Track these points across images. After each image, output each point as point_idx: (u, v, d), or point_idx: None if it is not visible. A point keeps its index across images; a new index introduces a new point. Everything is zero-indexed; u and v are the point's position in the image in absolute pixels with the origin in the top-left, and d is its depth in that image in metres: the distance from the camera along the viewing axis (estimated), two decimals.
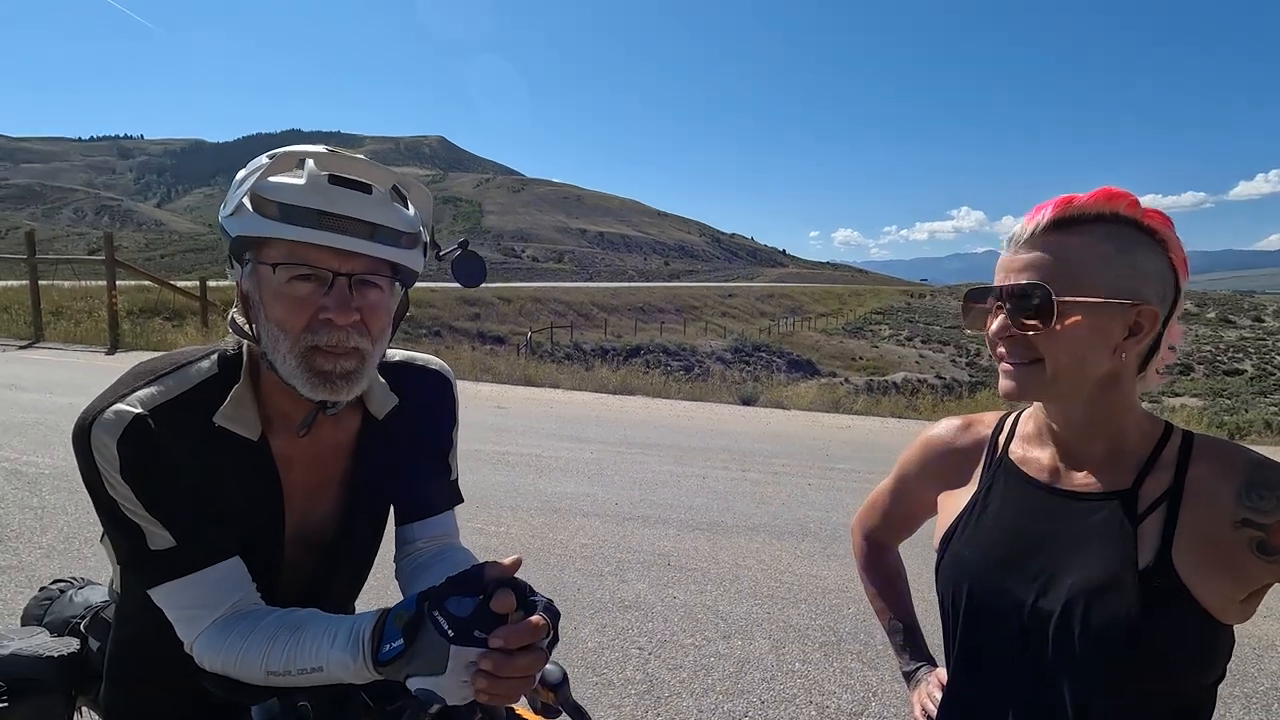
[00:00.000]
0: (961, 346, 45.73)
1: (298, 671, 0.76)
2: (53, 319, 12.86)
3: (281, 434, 0.88)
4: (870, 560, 1.14)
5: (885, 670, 2.68)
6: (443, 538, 1.03)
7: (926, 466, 0.99)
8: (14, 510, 3.85)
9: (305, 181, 0.78)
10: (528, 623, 0.70)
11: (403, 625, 0.71)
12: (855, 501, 4.99)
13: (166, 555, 0.80)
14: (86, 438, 0.79)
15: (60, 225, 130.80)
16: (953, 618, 0.88)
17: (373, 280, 0.82)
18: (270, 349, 0.81)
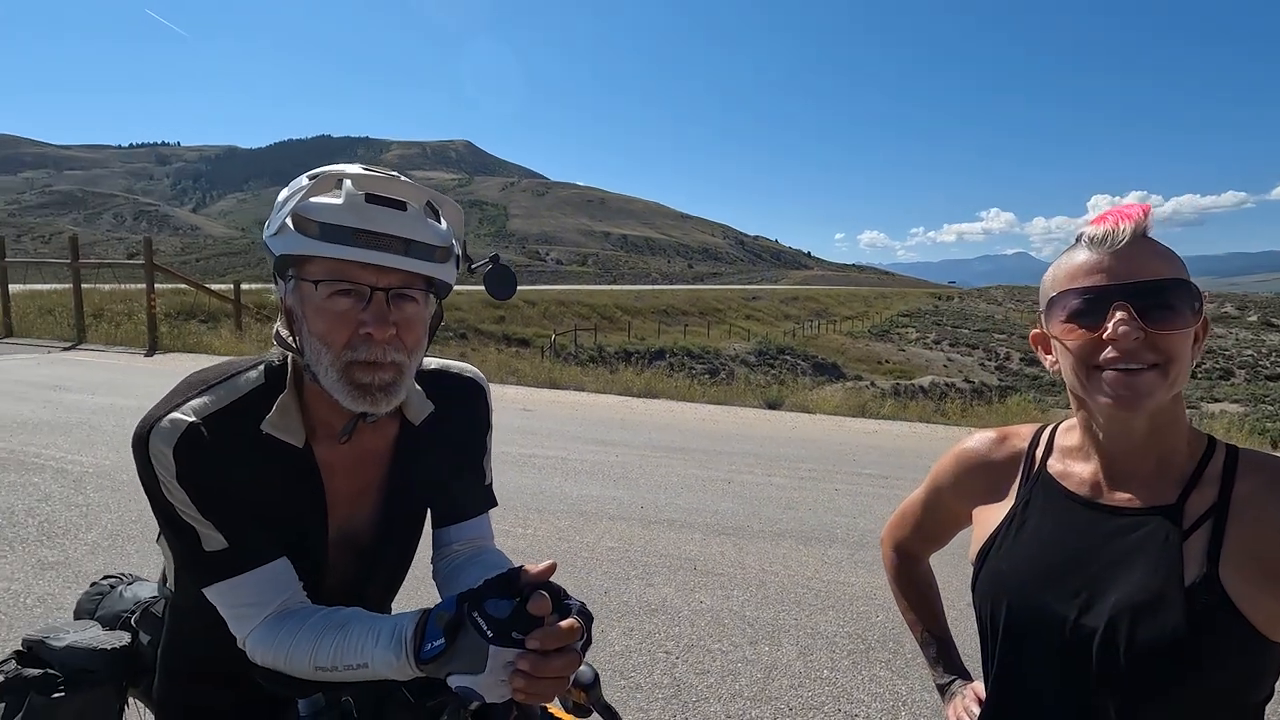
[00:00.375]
0: (990, 350, 44.92)
1: (344, 667, 0.80)
2: (94, 321, 13.27)
3: (325, 441, 0.92)
4: (901, 572, 1.13)
5: (915, 680, 2.66)
6: (478, 540, 1.06)
7: (960, 480, 0.98)
8: (60, 508, 3.98)
9: (343, 201, 0.81)
10: (563, 625, 0.73)
11: (444, 625, 0.74)
12: (883, 507, 4.96)
13: (220, 556, 0.84)
14: (145, 445, 0.83)
15: (101, 230, 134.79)
16: (991, 633, 0.87)
17: (409, 294, 0.85)
18: (313, 361, 0.84)
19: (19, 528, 3.68)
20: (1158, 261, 0.75)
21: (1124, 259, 0.75)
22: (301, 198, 0.82)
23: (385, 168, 0.88)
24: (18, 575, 3.14)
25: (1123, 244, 0.75)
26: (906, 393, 21.58)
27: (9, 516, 3.82)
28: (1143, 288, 0.74)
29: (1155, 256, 0.75)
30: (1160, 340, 0.73)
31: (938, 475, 1.02)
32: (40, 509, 3.95)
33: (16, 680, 1.01)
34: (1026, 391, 23.12)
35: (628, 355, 24.08)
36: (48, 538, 3.58)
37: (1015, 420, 8.90)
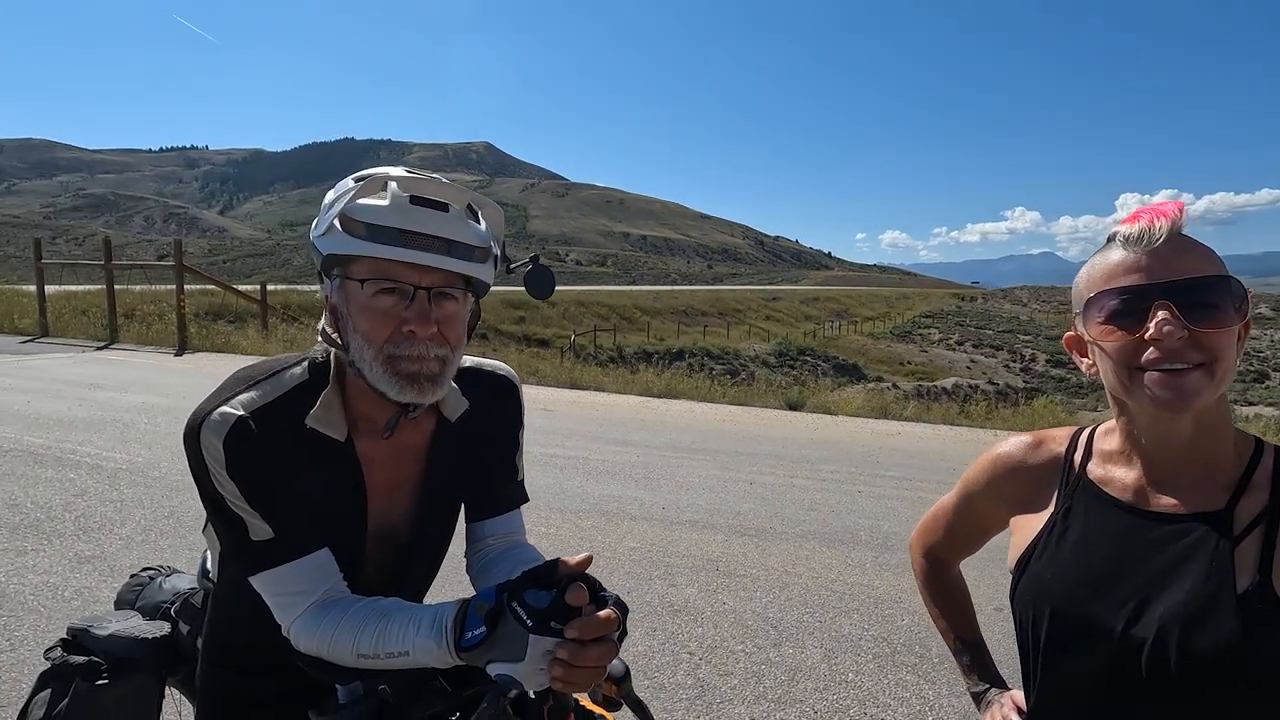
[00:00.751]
0: (1015, 351, 44.21)
1: (385, 655, 0.82)
2: (126, 322, 13.58)
3: (366, 436, 0.95)
4: (932, 579, 1.11)
5: (942, 685, 2.62)
6: (510, 535, 1.08)
7: (994, 486, 0.95)
8: (96, 503, 4.08)
9: (389, 202, 0.84)
10: (600, 615, 0.74)
11: (484, 614, 0.75)
12: (906, 510, 4.90)
13: (266, 545, 0.87)
14: (196, 437, 0.86)
15: (132, 232, 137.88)
16: (1033, 643, 0.85)
17: (449, 292, 0.88)
18: (358, 357, 0.87)
19: (57, 522, 3.77)
20: (1197, 258, 0.73)
21: (1161, 257, 0.73)
22: (349, 200, 0.84)
23: None
24: (56, 569, 3.22)
25: (1159, 242, 0.73)
26: (929, 394, 21.32)
27: (47, 511, 3.92)
28: (1184, 285, 0.71)
29: (1194, 253, 0.73)
30: (1205, 339, 0.71)
31: (970, 481, 0.99)
32: (77, 504, 4.05)
33: (64, 667, 1.05)
34: (1053, 394, 22.71)
35: (647, 356, 24.09)
36: (84, 532, 3.66)
37: (1042, 423, 8.76)
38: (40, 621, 2.75)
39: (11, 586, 3.02)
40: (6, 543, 3.47)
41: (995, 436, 7.81)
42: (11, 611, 2.81)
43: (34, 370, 8.96)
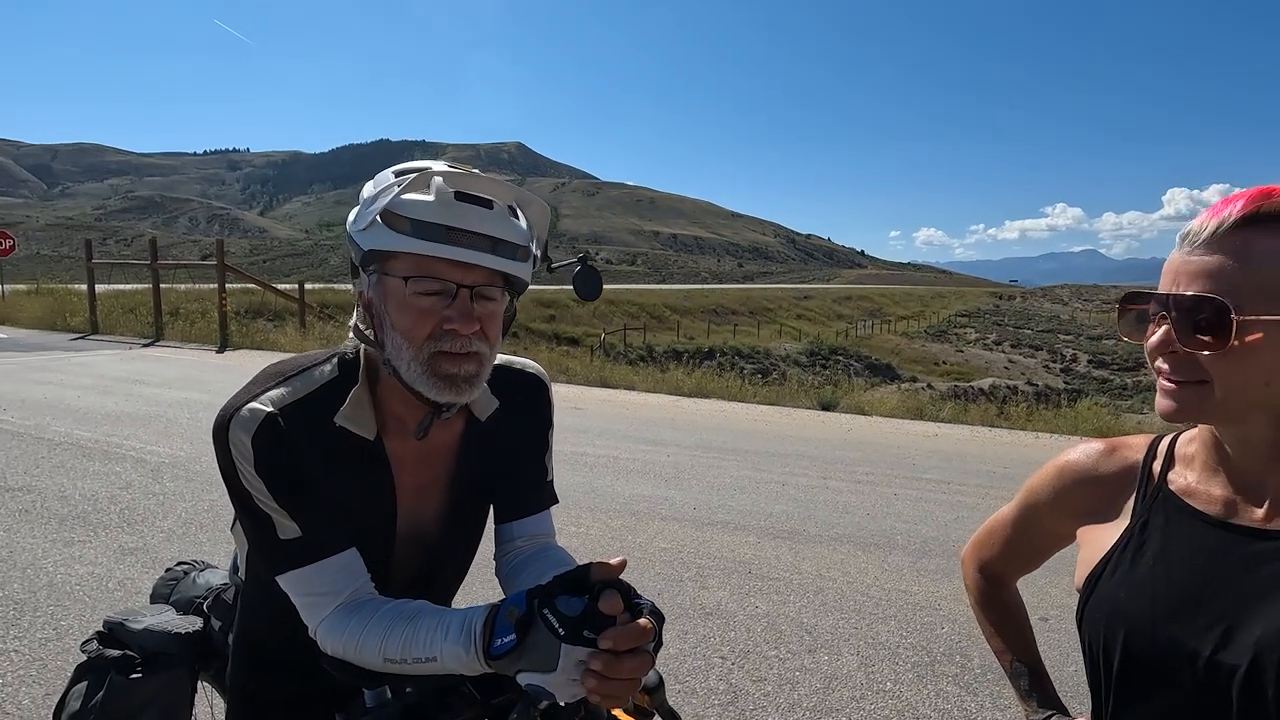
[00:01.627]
0: (1055, 351, 43.01)
1: (412, 660, 0.79)
2: (171, 319, 14.00)
3: (395, 435, 0.93)
4: (986, 595, 1.04)
5: (984, 697, 2.53)
6: (540, 537, 1.06)
7: (1062, 496, 0.88)
8: (140, 496, 4.19)
9: (434, 198, 0.82)
10: (636, 625, 0.71)
11: (514, 621, 0.72)
12: (945, 514, 4.77)
13: (294, 544, 0.85)
14: (225, 433, 0.84)
15: (177, 233, 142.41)
16: (1104, 668, 0.77)
17: (490, 292, 0.86)
18: (394, 355, 0.85)
19: (102, 514, 3.88)
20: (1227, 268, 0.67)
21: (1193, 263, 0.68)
22: (393, 195, 0.82)
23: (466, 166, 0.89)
24: (101, 559, 3.31)
25: (1200, 243, 0.68)
26: (965, 395, 20.84)
27: (94, 503, 4.03)
28: (1184, 302, 0.68)
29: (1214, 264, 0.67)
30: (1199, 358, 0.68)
31: (1034, 490, 0.92)
32: (121, 497, 4.16)
33: (99, 660, 1.06)
34: (1095, 395, 22.02)
35: (677, 355, 24.01)
36: (128, 524, 3.76)
37: (1086, 426, 8.46)
38: (85, 611, 2.82)
39: (59, 576, 3.11)
40: (55, 534, 3.58)
41: (1036, 439, 7.57)
42: (58, 601, 2.89)
43: (84, 366, 9.28)
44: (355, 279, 0.89)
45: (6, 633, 2.64)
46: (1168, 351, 0.70)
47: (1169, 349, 0.69)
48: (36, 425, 5.78)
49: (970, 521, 4.44)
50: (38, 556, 3.30)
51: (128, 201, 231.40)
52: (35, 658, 2.48)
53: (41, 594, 2.95)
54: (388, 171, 0.87)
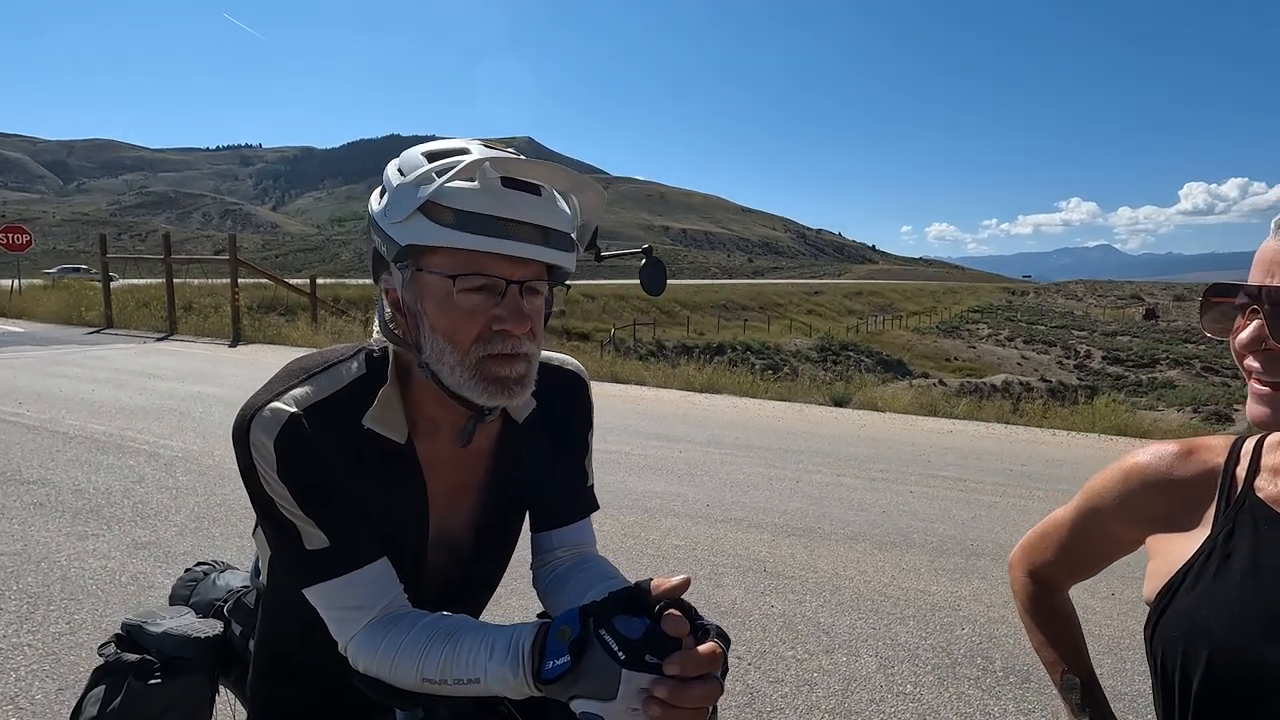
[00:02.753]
0: (1069, 348, 42.51)
1: (454, 681, 0.73)
2: (184, 314, 14.09)
3: (427, 438, 0.86)
4: (1037, 603, 0.98)
5: (1008, 701, 2.47)
6: (581, 546, 0.99)
7: (1130, 500, 0.82)
8: (153, 490, 4.19)
9: (480, 185, 0.73)
10: (703, 650, 0.64)
11: (567, 642, 0.66)
12: (962, 512, 4.70)
13: (321, 555, 0.79)
14: (245, 435, 0.78)
15: (190, 228, 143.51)
16: (1180, 688, 0.72)
17: (538, 286, 0.79)
18: (435, 359, 0.78)
19: (116, 508, 3.88)
20: None
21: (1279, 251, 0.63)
22: (436, 184, 0.73)
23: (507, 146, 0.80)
24: (114, 553, 3.31)
25: None
26: (978, 391, 20.64)
27: (107, 496, 4.04)
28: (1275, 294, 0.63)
29: None
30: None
31: (1097, 494, 0.86)
32: (135, 490, 4.17)
33: (117, 664, 1.02)
34: (1109, 392, 21.76)
35: (687, 350, 23.94)
36: (141, 518, 3.76)
37: (1104, 423, 8.33)
38: (98, 605, 2.82)
39: (73, 570, 3.11)
40: (69, 527, 3.58)
41: (1053, 436, 7.46)
42: (72, 595, 2.89)
43: (99, 360, 9.35)
44: (383, 273, 0.81)
45: (20, 627, 2.63)
46: (1260, 349, 0.64)
47: (1262, 346, 0.64)
48: (52, 419, 5.82)
49: (988, 521, 4.37)
50: (52, 550, 3.31)
51: (142, 197, 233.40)
52: (49, 652, 2.48)
53: (55, 588, 2.95)
54: (416, 153, 0.78)
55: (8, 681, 2.30)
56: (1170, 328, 50.13)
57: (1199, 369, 36.38)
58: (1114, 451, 6.73)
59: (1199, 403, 24.57)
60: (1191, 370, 36.28)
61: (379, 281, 0.82)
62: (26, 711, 2.16)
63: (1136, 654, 2.83)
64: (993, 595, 3.30)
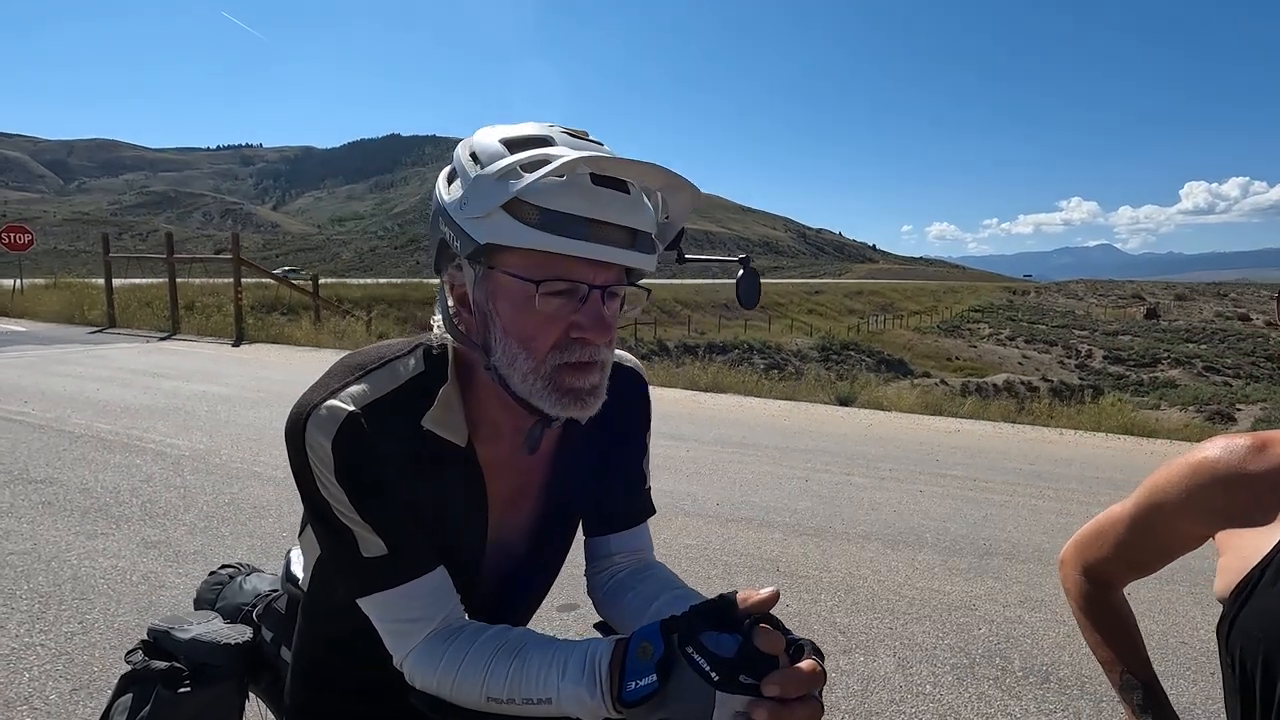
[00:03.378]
0: (1070, 347, 42.48)
1: (522, 701, 0.69)
2: (187, 313, 14.07)
3: (488, 440, 0.82)
4: (1092, 601, 0.95)
5: (1028, 701, 2.45)
6: (640, 553, 0.95)
7: (1199, 496, 0.80)
8: (161, 489, 4.17)
9: (568, 181, 0.68)
10: (806, 667, 0.60)
11: (651, 661, 0.61)
12: (974, 512, 4.68)
13: (379, 563, 0.74)
14: (301, 435, 0.74)
15: (191, 227, 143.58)
16: (1263, 690, 0.70)
17: (617, 290, 0.74)
18: (505, 364, 0.73)
19: (124, 507, 3.86)
20: None
21: None
22: (523, 181, 0.67)
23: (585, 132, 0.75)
24: (124, 553, 3.29)
25: None
26: (981, 391, 20.62)
27: (116, 496, 4.02)
28: None
29: None
30: None
31: (1161, 489, 0.84)
32: (143, 489, 4.15)
33: (145, 671, 0.99)
34: (1111, 392, 21.74)
35: (689, 349, 23.91)
36: (150, 517, 3.74)
37: (1110, 422, 8.31)
38: (110, 605, 2.80)
39: (84, 569, 3.09)
40: (79, 526, 3.56)
41: (1060, 435, 7.44)
42: (83, 595, 2.87)
43: (103, 359, 9.33)
44: (449, 265, 0.76)
45: (33, 626, 2.62)
46: None
47: None
48: (57, 418, 5.80)
49: (1000, 520, 4.35)
50: (61, 549, 3.29)
51: (142, 197, 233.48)
52: (61, 652, 2.46)
53: (66, 587, 2.93)
54: (494, 140, 0.71)
55: (22, 682, 2.28)
56: (1172, 327, 50.11)
57: (1201, 368, 36.37)
58: (1122, 451, 6.71)
59: (1201, 402, 24.55)
60: (1193, 370, 36.26)
61: (442, 274, 0.78)
62: (41, 712, 2.14)
63: (1176, 654, 2.81)
64: (1008, 595, 3.28)
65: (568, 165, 0.66)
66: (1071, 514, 4.52)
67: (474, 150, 0.72)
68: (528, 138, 0.72)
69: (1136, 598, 3.25)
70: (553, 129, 0.73)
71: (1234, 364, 37.26)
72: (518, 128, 0.73)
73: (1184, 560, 0.89)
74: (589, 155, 0.67)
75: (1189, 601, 3.28)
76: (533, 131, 0.72)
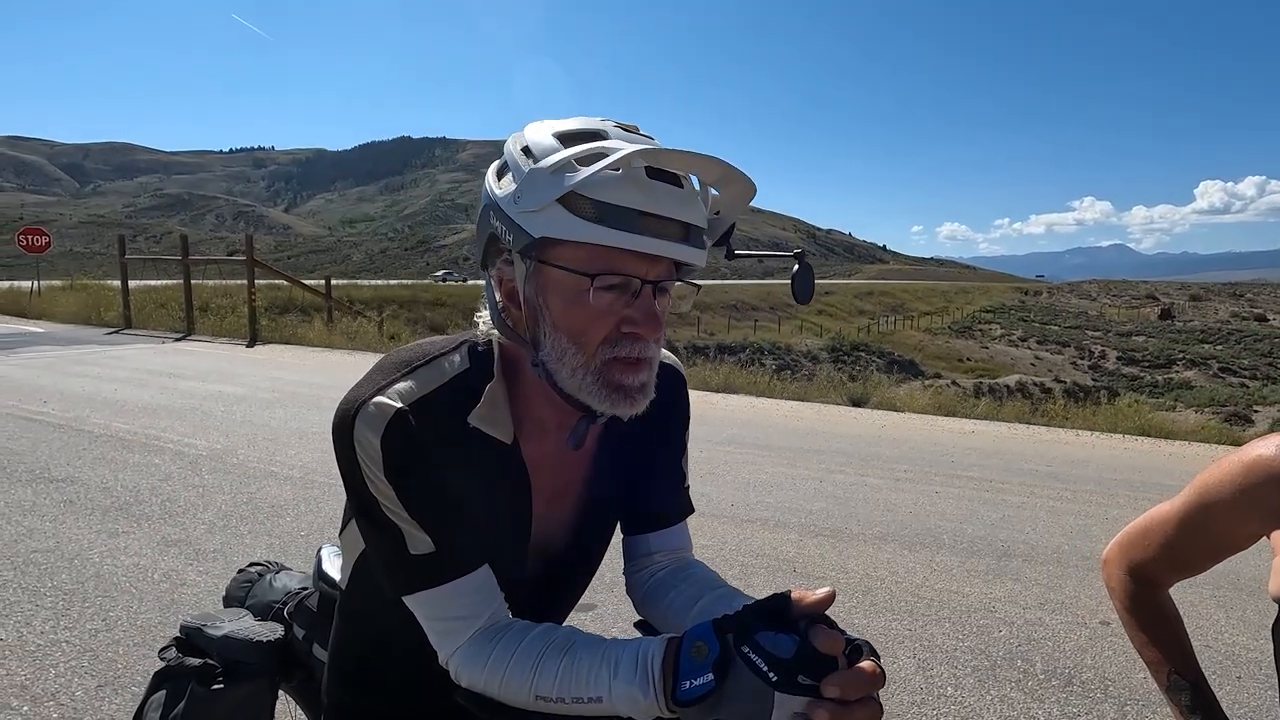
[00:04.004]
0: (1083, 348, 42.14)
1: (571, 700, 0.69)
2: (201, 314, 14.19)
3: (533, 438, 0.82)
4: (1138, 600, 0.94)
5: (1051, 704, 2.43)
6: (679, 551, 0.94)
7: (1251, 494, 0.78)
8: (180, 488, 4.21)
9: (623, 175, 0.67)
10: (867, 668, 0.59)
11: (707, 660, 0.61)
12: (991, 513, 4.64)
13: (427, 560, 0.74)
14: (349, 431, 0.73)
15: (204, 230, 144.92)
16: None
17: (667, 285, 0.74)
18: (554, 359, 0.73)
19: (144, 506, 3.90)
20: None
21: None
22: (580, 174, 0.67)
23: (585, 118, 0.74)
24: (145, 551, 3.32)
25: None
26: (993, 392, 20.47)
27: (135, 495, 4.06)
28: None
29: None
30: None
31: (1213, 488, 0.83)
32: (162, 489, 4.18)
33: (179, 668, 1.00)
34: (1125, 393, 21.53)
35: (699, 350, 23.89)
36: (169, 516, 3.77)
37: (1127, 423, 8.22)
38: (133, 603, 2.82)
39: (106, 567, 3.12)
40: (100, 525, 3.60)
41: (1077, 436, 7.38)
42: (106, 592, 2.90)
43: (120, 360, 9.43)
44: (497, 260, 0.75)
45: (57, 623, 2.64)
46: None
47: None
48: (77, 417, 5.86)
49: (1017, 521, 4.32)
50: (84, 547, 3.32)
51: (157, 199, 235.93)
52: (86, 648, 2.48)
53: (89, 584, 2.96)
54: (547, 134, 0.71)
55: (48, 678, 2.30)
56: (1187, 327, 49.57)
57: (1216, 369, 35.96)
58: (1140, 452, 6.65)
59: (1217, 403, 24.27)
60: (1209, 371, 35.86)
61: (489, 268, 0.78)
62: (67, 708, 2.16)
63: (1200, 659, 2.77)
64: (1028, 597, 3.26)
65: (625, 159, 0.65)
66: (1089, 516, 4.48)
67: (526, 144, 0.72)
68: (581, 131, 0.71)
69: None
70: (605, 123, 0.73)
71: (1250, 365, 36.81)
72: (569, 122, 0.73)
73: None
74: (644, 148, 0.66)
75: (1212, 605, 3.24)
76: (586, 125, 0.72)
